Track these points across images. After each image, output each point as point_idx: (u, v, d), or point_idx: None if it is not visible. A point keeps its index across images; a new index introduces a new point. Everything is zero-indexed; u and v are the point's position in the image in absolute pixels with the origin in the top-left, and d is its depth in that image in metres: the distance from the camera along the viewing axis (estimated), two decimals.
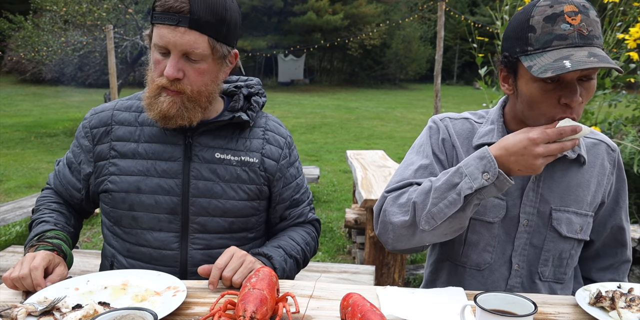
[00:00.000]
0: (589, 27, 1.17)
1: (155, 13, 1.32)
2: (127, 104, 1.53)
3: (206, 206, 1.45)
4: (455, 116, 1.50)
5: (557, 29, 1.17)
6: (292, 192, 1.59)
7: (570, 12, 1.17)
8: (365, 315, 1.00)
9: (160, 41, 1.31)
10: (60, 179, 1.58)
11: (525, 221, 1.40)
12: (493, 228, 1.41)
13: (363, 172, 4.51)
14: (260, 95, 1.58)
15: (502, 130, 1.40)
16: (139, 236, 1.46)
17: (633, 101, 3.95)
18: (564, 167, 1.40)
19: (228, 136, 1.49)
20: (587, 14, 1.17)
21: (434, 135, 1.47)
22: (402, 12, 30.52)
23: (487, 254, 1.43)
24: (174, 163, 1.44)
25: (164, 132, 1.45)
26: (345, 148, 9.38)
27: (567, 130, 1.14)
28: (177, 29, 1.29)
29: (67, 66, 17.98)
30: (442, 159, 1.44)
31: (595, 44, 1.18)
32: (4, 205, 4.51)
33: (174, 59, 1.32)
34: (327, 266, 3.30)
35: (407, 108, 18.67)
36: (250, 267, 1.30)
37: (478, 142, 1.41)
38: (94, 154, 1.48)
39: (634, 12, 3.95)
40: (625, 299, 1.14)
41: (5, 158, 8.67)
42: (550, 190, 1.39)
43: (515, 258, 1.42)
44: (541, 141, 1.14)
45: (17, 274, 1.23)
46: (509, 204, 1.40)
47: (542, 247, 1.40)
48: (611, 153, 1.45)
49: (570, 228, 1.40)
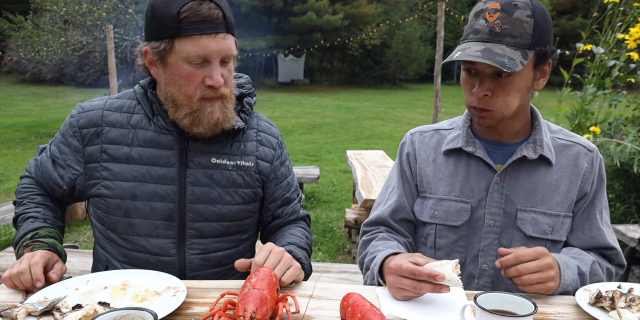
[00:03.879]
0: (503, 26, 1.25)
1: (184, 25, 1.26)
2: (118, 103, 1.48)
3: (203, 212, 1.44)
4: (426, 129, 1.59)
5: (475, 24, 1.29)
6: (283, 191, 1.59)
7: (491, 9, 1.27)
8: (365, 315, 1.00)
9: (202, 52, 1.28)
10: (42, 171, 1.53)
11: (492, 222, 1.42)
12: (459, 230, 1.45)
13: (363, 172, 4.51)
14: (251, 96, 1.56)
15: (466, 135, 1.46)
16: (136, 242, 1.45)
17: (633, 101, 3.95)
18: (530, 168, 1.42)
19: (223, 140, 1.47)
20: (510, 13, 1.24)
21: (404, 150, 1.58)
22: (402, 12, 30.50)
23: (457, 254, 1.46)
24: (169, 169, 1.42)
25: (159, 136, 1.43)
26: (345, 148, 9.38)
27: (423, 272, 1.15)
28: (217, 36, 1.28)
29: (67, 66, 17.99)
30: (408, 175, 1.55)
31: (505, 41, 1.25)
32: (4, 205, 4.51)
33: (216, 67, 1.31)
34: (327, 266, 3.30)
35: (407, 108, 18.66)
36: (288, 263, 1.29)
37: (445, 148, 1.49)
38: (84, 155, 1.44)
39: (634, 12, 3.95)
40: (625, 299, 1.14)
41: (5, 158, 8.67)
42: (515, 191, 1.41)
43: (483, 258, 1.43)
44: (408, 273, 1.18)
45: (17, 270, 1.23)
46: (474, 205, 1.43)
47: (510, 246, 1.41)
48: (588, 153, 1.46)
49: (537, 228, 1.41)
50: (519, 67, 1.22)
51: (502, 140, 1.45)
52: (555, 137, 1.47)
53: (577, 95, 4.07)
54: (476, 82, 1.32)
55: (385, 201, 1.58)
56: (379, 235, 1.51)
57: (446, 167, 1.48)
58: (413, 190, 1.54)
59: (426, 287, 1.16)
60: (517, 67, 1.22)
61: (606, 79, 3.92)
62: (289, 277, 1.26)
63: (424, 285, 1.16)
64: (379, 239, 1.49)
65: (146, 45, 1.36)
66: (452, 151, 1.48)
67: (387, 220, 1.53)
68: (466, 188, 1.44)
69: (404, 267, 1.19)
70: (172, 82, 1.34)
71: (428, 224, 1.49)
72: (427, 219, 1.49)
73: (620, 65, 3.92)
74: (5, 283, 1.26)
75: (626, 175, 3.51)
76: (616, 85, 4.06)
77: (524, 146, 1.41)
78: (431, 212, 1.48)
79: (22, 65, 19.49)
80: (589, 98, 3.97)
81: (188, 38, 1.27)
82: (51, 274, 1.28)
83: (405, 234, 1.55)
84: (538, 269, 1.20)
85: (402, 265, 1.19)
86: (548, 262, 1.22)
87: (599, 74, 3.99)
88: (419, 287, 1.17)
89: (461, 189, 1.45)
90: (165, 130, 1.43)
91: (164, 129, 1.43)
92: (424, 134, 1.56)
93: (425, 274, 1.15)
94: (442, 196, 1.47)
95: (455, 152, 1.47)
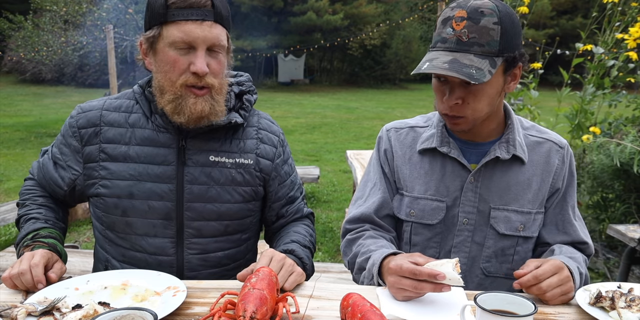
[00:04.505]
0: (470, 34, 1.23)
1: (171, 10, 1.29)
2: (116, 103, 1.49)
3: (201, 210, 1.43)
4: (401, 126, 1.58)
5: (443, 32, 1.27)
6: (287, 190, 1.59)
7: (458, 17, 1.24)
8: (365, 315, 1.00)
9: (187, 37, 1.29)
10: (44, 172, 1.54)
11: (465, 220, 1.45)
12: (434, 228, 1.48)
13: (363, 172, 4.51)
14: (251, 93, 1.56)
15: (441, 135, 1.47)
16: (134, 242, 1.45)
17: (633, 101, 3.95)
18: (503, 167, 1.43)
19: (222, 138, 1.47)
20: (476, 21, 1.22)
21: (381, 147, 1.59)
22: (402, 12, 30.49)
23: (431, 250, 1.49)
24: (167, 167, 1.42)
25: (157, 135, 1.43)
26: (345, 148, 9.37)
27: (423, 272, 1.15)
28: (204, 23, 1.30)
29: (67, 66, 17.98)
30: (387, 171, 1.56)
31: (472, 50, 1.24)
32: (4, 205, 4.51)
33: (201, 54, 1.32)
34: (327, 266, 3.30)
35: (407, 108, 18.66)
36: (290, 269, 1.29)
37: (420, 147, 1.50)
38: (82, 155, 1.45)
39: (633, 11, 3.95)
40: (625, 299, 1.14)
41: (5, 158, 8.67)
42: (488, 190, 1.43)
43: (455, 254, 1.46)
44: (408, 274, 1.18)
45: (17, 271, 1.23)
46: (449, 204, 1.46)
47: (483, 243, 1.45)
48: (559, 150, 1.47)
49: (509, 226, 1.43)
50: (487, 77, 1.22)
51: (475, 140, 1.47)
52: (527, 133, 1.48)
53: (577, 95, 4.07)
54: (447, 89, 1.32)
55: (366, 197, 1.57)
56: (365, 234, 1.51)
57: (422, 166, 1.50)
58: (392, 186, 1.56)
59: (427, 287, 1.16)
60: (484, 77, 1.22)
61: (605, 78, 3.92)
62: (291, 284, 1.26)
63: (425, 285, 1.17)
64: (366, 237, 1.49)
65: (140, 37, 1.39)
66: (427, 150, 1.49)
67: (371, 217, 1.53)
68: (441, 187, 1.46)
69: (404, 267, 1.19)
70: (160, 69, 1.36)
71: (404, 222, 1.52)
72: (404, 216, 1.51)
73: (620, 65, 3.92)
74: (5, 283, 1.26)
75: (626, 175, 3.51)
76: (616, 85, 4.06)
77: (497, 146, 1.42)
78: (407, 210, 1.50)
79: (22, 65, 19.49)
80: (589, 98, 3.98)
81: (174, 24, 1.30)
82: (50, 274, 1.28)
83: (389, 230, 1.56)
84: (560, 283, 1.21)
85: (403, 265, 1.19)
86: (567, 274, 1.23)
87: (599, 73, 3.99)
88: (420, 287, 1.17)
89: (437, 188, 1.46)
90: (163, 129, 1.43)
91: (161, 127, 1.43)
92: (399, 131, 1.57)
93: (426, 273, 1.15)
94: (418, 195, 1.48)
95: (430, 151, 1.49)
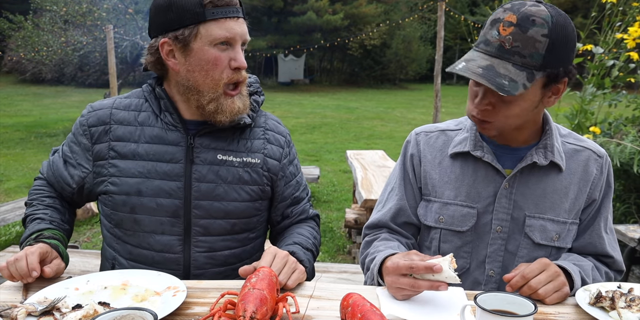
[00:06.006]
0: (514, 43, 1.18)
1: (209, 9, 1.31)
2: (126, 102, 1.51)
3: (208, 208, 1.44)
4: (432, 129, 1.53)
5: (488, 34, 1.23)
6: (292, 190, 1.59)
7: (507, 21, 1.19)
8: (365, 315, 1.00)
9: (230, 34, 1.34)
10: (53, 170, 1.56)
11: (499, 227, 1.40)
12: (465, 235, 1.43)
13: (363, 172, 4.51)
14: (259, 94, 1.58)
15: (474, 138, 1.42)
16: (141, 239, 1.45)
17: (633, 101, 3.95)
18: (540, 173, 1.39)
19: (229, 137, 1.48)
20: (524, 30, 1.17)
21: (408, 151, 1.54)
22: (402, 12, 30.48)
23: (462, 260, 1.44)
24: (175, 165, 1.43)
25: (165, 133, 1.44)
26: (345, 148, 9.37)
27: (420, 265, 1.16)
28: (238, 20, 1.36)
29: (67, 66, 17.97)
30: (411, 177, 1.52)
31: (512, 60, 1.19)
32: (4, 205, 4.51)
33: (239, 49, 1.38)
34: (327, 266, 3.30)
35: (407, 108, 18.66)
36: (293, 267, 1.29)
37: (452, 151, 1.45)
38: (92, 152, 1.47)
39: (633, 11, 3.95)
40: (625, 299, 1.14)
41: (5, 158, 8.67)
42: (524, 197, 1.38)
43: (489, 264, 1.41)
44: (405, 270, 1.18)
45: (13, 257, 1.24)
46: (481, 210, 1.40)
47: (516, 253, 1.40)
48: (598, 159, 1.42)
49: (545, 235, 1.38)
50: (519, 90, 1.17)
51: (511, 144, 1.41)
52: (565, 141, 1.43)
53: (577, 95, 4.07)
54: (480, 92, 1.28)
55: (384, 202, 1.56)
56: (380, 236, 1.51)
57: (452, 170, 1.45)
58: (415, 193, 1.51)
59: (424, 284, 1.16)
60: (516, 90, 1.17)
61: (606, 78, 3.92)
62: (294, 282, 1.26)
63: (422, 283, 1.17)
64: (381, 239, 1.49)
65: (162, 38, 1.36)
66: (459, 154, 1.44)
67: (388, 224, 1.52)
68: (473, 193, 1.41)
69: (400, 264, 1.19)
70: (197, 68, 1.36)
71: (433, 228, 1.47)
72: (432, 223, 1.46)
73: (620, 65, 3.92)
74: (2, 273, 1.26)
75: (626, 175, 3.51)
76: (616, 85, 4.06)
77: (534, 151, 1.37)
78: (436, 216, 1.45)
79: (22, 65, 19.46)
80: (589, 98, 3.97)
81: (214, 22, 1.33)
82: (46, 268, 1.27)
83: (407, 236, 1.54)
84: (550, 279, 1.20)
85: (399, 263, 1.19)
86: (555, 270, 1.22)
87: (599, 73, 3.99)
88: (417, 285, 1.17)
89: (467, 193, 1.41)
90: (172, 127, 1.45)
91: (170, 125, 1.45)
92: (429, 135, 1.52)
93: (422, 266, 1.15)
94: (447, 200, 1.44)
95: (462, 155, 1.44)
